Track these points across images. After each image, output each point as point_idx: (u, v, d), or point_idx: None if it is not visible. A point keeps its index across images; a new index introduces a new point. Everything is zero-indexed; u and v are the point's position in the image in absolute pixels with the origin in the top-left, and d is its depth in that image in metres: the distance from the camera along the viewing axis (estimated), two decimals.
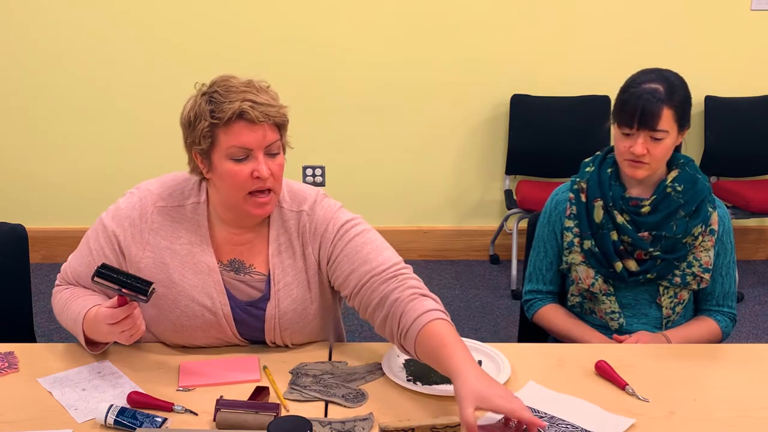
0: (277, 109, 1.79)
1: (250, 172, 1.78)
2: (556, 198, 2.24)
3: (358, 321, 3.73)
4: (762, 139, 4.22)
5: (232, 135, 1.76)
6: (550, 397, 1.78)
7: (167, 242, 1.89)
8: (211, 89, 1.79)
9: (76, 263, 1.98)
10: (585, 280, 2.17)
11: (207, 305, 1.88)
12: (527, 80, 4.20)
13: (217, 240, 1.91)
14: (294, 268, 1.92)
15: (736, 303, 2.25)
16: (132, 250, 1.89)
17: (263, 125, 1.77)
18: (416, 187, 4.37)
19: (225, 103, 1.75)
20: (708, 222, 2.14)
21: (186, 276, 1.88)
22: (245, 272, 1.92)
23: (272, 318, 1.91)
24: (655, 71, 2.08)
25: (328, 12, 4.09)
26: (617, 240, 2.12)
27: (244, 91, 1.77)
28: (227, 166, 1.78)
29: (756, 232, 4.49)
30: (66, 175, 4.22)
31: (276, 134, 1.81)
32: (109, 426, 1.64)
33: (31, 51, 4.08)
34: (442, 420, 1.57)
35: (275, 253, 1.91)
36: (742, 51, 4.22)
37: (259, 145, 1.77)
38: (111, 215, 1.92)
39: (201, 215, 1.90)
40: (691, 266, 2.14)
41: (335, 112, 4.23)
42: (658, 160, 2.07)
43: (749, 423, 1.72)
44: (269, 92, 1.82)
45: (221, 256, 1.91)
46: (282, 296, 1.91)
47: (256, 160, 1.78)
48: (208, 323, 1.89)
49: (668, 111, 2.03)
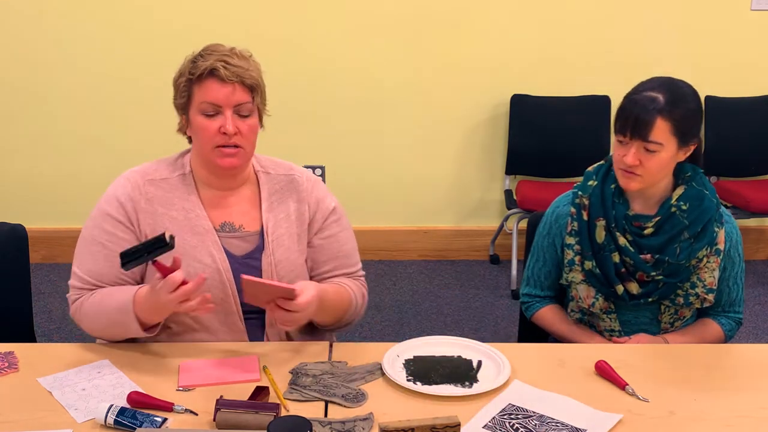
0: (248, 71, 1.92)
1: (218, 128, 1.90)
2: (557, 211, 2.17)
3: (358, 321, 3.73)
4: (762, 139, 4.22)
5: (203, 90, 1.90)
6: (538, 396, 1.78)
7: (164, 209, 1.98)
8: (198, 52, 1.95)
9: (91, 265, 1.96)
10: (585, 299, 2.12)
11: (208, 263, 1.95)
12: (527, 80, 4.20)
13: (207, 206, 2.00)
14: (287, 221, 2.04)
15: (743, 307, 2.19)
16: (139, 218, 1.96)
17: (233, 84, 1.89)
18: (416, 187, 4.37)
19: (201, 60, 1.91)
20: (714, 242, 2.06)
21: (185, 238, 1.95)
22: (237, 231, 2.01)
23: (269, 266, 1.99)
24: (663, 80, 1.99)
25: (328, 12, 4.09)
26: (619, 262, 2.06)
27: (223, 54, 1.92)
28: (198, 120, 1.92)
29: (756, 232, 4.49)
30: (66, 175, 4.22)
31: (247, 96, 1.92)
32: (109, 426, 1.65)
33: (31, 51, 4.08)
34: (442, 420, 1.57)
35: (268, 209, 2.03)
36: (742, 51, 4.22)
37: (228, 103, 1.90)
38: (104, 203, 1.98)
39: (189, 184, 2.01)
40: (694, 287, 2.08)
41: (335, 112, 4.22)
42: (651, 173, 1.98)
43: (749, 423, 1.72)
44: (249, 60, 1.96)
45: (213, 220, 2.00)
46: (275, 246, 2.00)
47: (224, 117, 1.90)
48: (210, 282, 1.92)
49: (663, 122, 1.93)
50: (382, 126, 4.27)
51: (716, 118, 4.15)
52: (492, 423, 1.69)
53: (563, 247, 2.15)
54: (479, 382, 1.84)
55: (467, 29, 4.15)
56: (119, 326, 1.90)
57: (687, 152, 2.02)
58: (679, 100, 1.96)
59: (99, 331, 1.96)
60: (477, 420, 1.69)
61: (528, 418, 1.71)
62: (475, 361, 1.92)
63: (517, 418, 1.70)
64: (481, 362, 1.92)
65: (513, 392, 1.79)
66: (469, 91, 4.24)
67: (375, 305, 3.88)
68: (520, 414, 1.72)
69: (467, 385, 1.82)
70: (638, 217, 2.06)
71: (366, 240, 4.38)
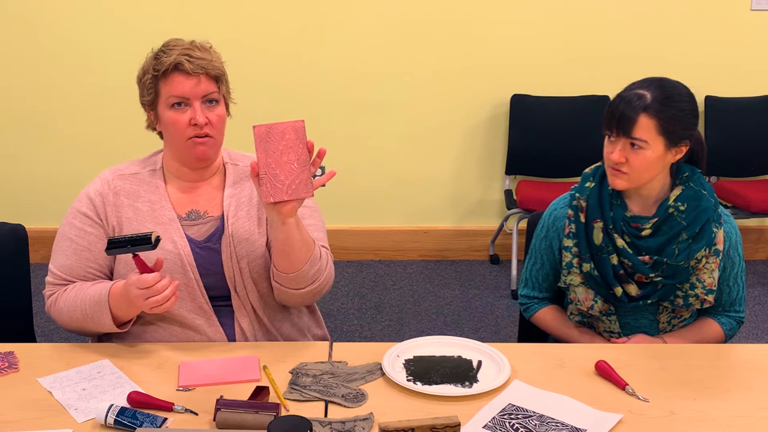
0: (212, 63, 1.97)
1: (188, 120, 1.95)
2: (555, 213, 2.17)
3: (358, 321, 3.74)
4: (762, 139, 4.22)
5: (170, 85, 1.95)
6: (538, 396, 1.78)
7: (129, 201, 2.04)
8: (159, 48, 2.00)
9: (62, 260, 2.04)
10: (584, 302, 2.11)
11: (169, 249, 1.99)
12: (527, 80, 4.20)
13: (175, 196, 2.06)
14: (248, 205, 2.07)
15: (744, 306, 2.18)
16: (107, 212, 2.03)
17: (199, 76, 1.94)
18: (416, 187, 4.37)
19: (164, 56, 1.96)
20: (712, 243, 2.05)
21: (149, 228, 2.01)
22: (201, 218, 2.06)
23: (227, 247, 2.02)
24: (655, 79, 1.99)
25: (328, 12, 4.09)
26: (617, 263, 2.05)
27: (184, 47, 1.97)
28: (168, 114, 1.97)
29: (756, 232, 4.49)
30: (66, 176, 4.22)
31: (213, 86, 1.97)
32: (109, 426, 1.65)
33: (31, 51, 4.08)
34: (442, 420, 1.57)
35: (230, 195, 2.07)
36: (742, 51, 4.22)
37: (195, 95, 1.95)
38: (76, 201, 2.07)
39: (158, 178, 2.07)
40: (693, 288, 2.07)
41: (335, 112, 4.22)
42: (638, 171, 1.97)
43: (749, 423, 1.72)
44: (211, 51, 2.01)
45: (179, 210, 2.05)
46: (235, 229, 2.03)
47: (193, 109, 1.95)
48: (172, 267, 1.98)
49: (648, 120, 1.92)
50: (382, 126, 4.26)
51: (716, 118, 4.15)
52: (492, 423, 1.69)
53: (561, 250, 2.14)
54: (479, 382, 1.84)
55: (467, 29, 4.15)
56: (93, 320, 1.95)
57: (678, 153, 2.01)
58: (668, 98, 1.95)
59: (74, 325, 2.00)
60: (477, 420, 1.69)
61: (528, 418, 1.71)
62: (475, 361, 1.92)
63: (517, 418, 1.70)
64: (481, 362, 1.92)
65: (513, 392, 1.79)
66: (469, 91, 4.24)
67: (375, 305, 3.88)
68: (520, 414, 1.72)
69: (467, 385, 1.82)
70: (636, 218, 2.05)
71: (366, 240, 4.39)
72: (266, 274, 2.04)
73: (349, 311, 3.83)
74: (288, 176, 1.83)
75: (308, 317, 2.17)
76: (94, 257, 2.01)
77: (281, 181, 1.83)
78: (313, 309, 2.21)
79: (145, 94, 2.02)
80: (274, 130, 1.82)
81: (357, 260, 4.26)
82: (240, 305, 2.03)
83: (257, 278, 2.04)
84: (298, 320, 2.13)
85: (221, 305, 2.03)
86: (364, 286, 4.06)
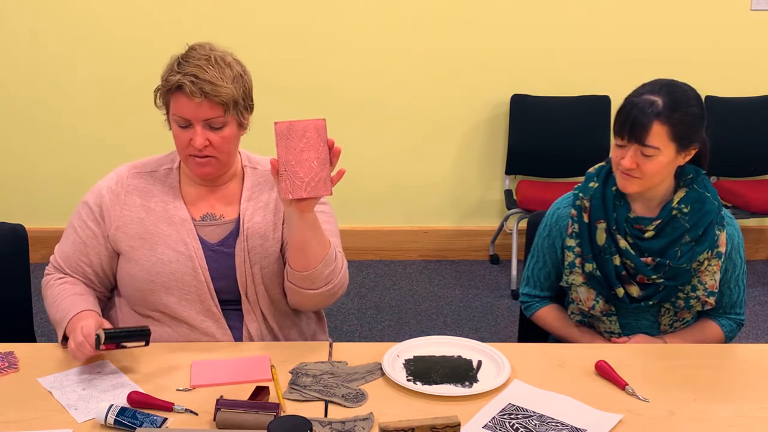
0: (217, 88, 1.87)
1: (189, 139, 1.93)
2: (558, 212, 2.16)
3: (358, 321, 3.74)
4: (762, 139, 4.22)
5: (174, 103, 1.93)
6: (538, 396, 1.78)
7: (142, 200, 2.02)
8: (181, 54, 1.94)
9: (63, 246, 2.08)
10: (586, 302, 2.11)
11: (181, 250, 1.98)
12: (527, 80, 4.20)
13: (190, 198, 2.04)
14: (265, 210, 2.05)
15: (745, 309, 2.18)
16: (111, 212, 2.01)
17: (201, 100, 1.87)
18: (416, 187, 4.36)
19: (172, 73, 1.90)
20: (715, 246, 2.05)
21: (161, 228, 2.00)
22: (216, 220, 2.04)
23: (242, 251, 2.00)
24: (664, 82, 1.98)
25: (327, 11, 4.09)
26: (619, 264, 2.05)
27: (196, 64, 1.88)
28: (174, 128, 1.96)
29: (756, 232, 4.49)
30: (66, 175, 4.22)
31: (217, 110, 1.90)
32: (109, 426, 1.65)
33: (31, 51, 4.08)
34: (442, 420, 1.57)
35: (247, 198, 2.05)
36: (742, 51, 4.22)
37: (196, 118, 1.90)
38: (89, 193, 2.07)
39: (173, 178, 2.05)
40: (695, 290, 2.07)
41: (335, 112, 4.22)
42: (649, 177, 1.97)
43: (749, 423, 1.72)
44: (225, 69, 1.91)
45: (194, 213, 2.03)
46: (250, 233, 2.01)
47: (194, 130, 1.91)
48: (182, 269, 1.97)
49: (661, 127, 1.92)
50: (382, 126, 4.26)
51: (716, 118, 4.14)
52: (492, 423, 1.69)
53: (563, 249, 2.14)
54: (479, 382, 1.84)
55: (467, 29, 4.14)
56: (54, 322, 1.99)
57: (687, 156, 2.01)
58: (678, 104, 1.95)
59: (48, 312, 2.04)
60: (477, 420, 1.69)
61: (528, 418, 1.71)
62: (475, 361, 1.92)
63: (517, 418, 1.70)
64: (481, 362, 1.92)
65: (513, 392, 1.79)
66: (469, 91, 4.24)
67: (375, 305, 3.88)
68: (520, 414, 1.72)
69: (467, 385, 1.82)
70: (639, 219, 2.05)
71: (366, 240, 4.39)
72: (278, 281, 2.03)
73: (349, 311, 3.83)
74: (308, 174, 1.82)
75: (316, 324, 2.17)
76: (87, 253, 2.03)
77: (301, 178, 1.82)
78: (321, 316, 2.20)
79: (161, 101, 1.99)
80: (296, 127, 1.81)
81: (357, 260, 4.25)
82: (250, 310, 2.02)
83: (269, 284, 2.02)
84: (306, 327, 2.12)
85: (230, 309, 2.02)
86: (364, 286, 4.06)
